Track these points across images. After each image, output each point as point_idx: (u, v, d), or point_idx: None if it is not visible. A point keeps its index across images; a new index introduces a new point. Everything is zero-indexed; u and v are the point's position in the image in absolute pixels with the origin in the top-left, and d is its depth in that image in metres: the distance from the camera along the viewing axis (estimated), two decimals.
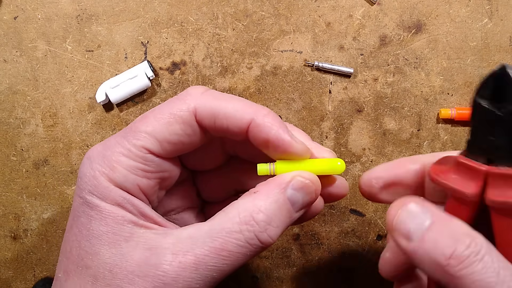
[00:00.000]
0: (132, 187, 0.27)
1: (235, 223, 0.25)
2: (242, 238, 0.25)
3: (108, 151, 0.27)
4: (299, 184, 0.26)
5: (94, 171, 0.26)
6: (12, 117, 0.46)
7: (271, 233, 0.25)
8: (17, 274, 0.47)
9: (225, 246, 0.25)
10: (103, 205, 0.26)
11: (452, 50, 0.45)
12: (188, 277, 0.24)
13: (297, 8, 0.45)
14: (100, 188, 0.26)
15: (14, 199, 0.46)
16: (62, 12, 0.45)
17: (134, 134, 0.27)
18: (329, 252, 0.47)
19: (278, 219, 0.25)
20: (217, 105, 0.27)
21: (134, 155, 0.26)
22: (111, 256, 0.25)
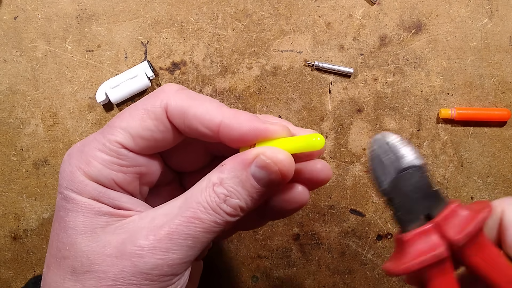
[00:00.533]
0: (107, 181, 0.27)
1: (201, 194, 0.26)
2: (208, 207, 0.26)
3: (86, 147, 0.27)
4: (262, 163, 0.26)
5: (72, 167, 0.27)
6: (12, 117, 0.46)
7: (231, 203, 0.26)
8: (17, 274, 0.47)
9: (195, 215, 0.26)
10: (79, 199, 0.27)
11: (452, 50, 0.45)
12: (163, 247, 0.25)
13: (297, 8, 0.45)
14: (76, 183, 0.27)
15: (14, 199, 0.46)
16: (62, 12, 0.45)
17: (110, 129, 0.27)
18: (329, 252, 0.46)
19: (239, 193, 0.26)
20: (188, 104, 0.27)
21: (108, 150, 0.27)
22: (88, 244, 0.26)
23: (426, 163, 0.24)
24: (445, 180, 0.46)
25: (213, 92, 0.46)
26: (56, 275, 0.26)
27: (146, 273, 0.25)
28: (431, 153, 0.46)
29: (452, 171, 0.46)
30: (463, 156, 0.46)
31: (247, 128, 0.27)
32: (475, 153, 0.46)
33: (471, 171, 0.46)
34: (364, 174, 0.46)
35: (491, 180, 0.46)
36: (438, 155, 0.46)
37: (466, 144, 0.46)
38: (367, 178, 0.46)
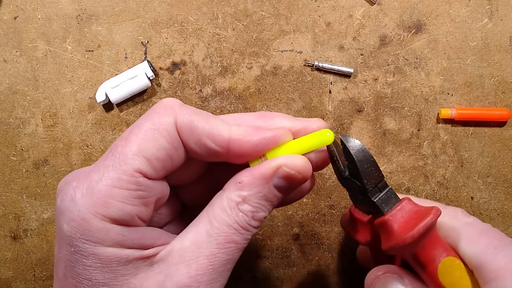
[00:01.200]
0: (130, 218, 0.24)
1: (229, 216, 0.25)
2: (240, 228, 0.25)
3: (95, 187, 0.24)
4: (285, 174, 0.26)
5: (84, 214, 0.23)
6: (12, 117, 0.46)
7: (258, 217, 0.26)
8: (17, 274, 0.47)
9: (230, 239, 0.25)
10: (101, 251, 0.23)
11: (452, 50, 0.45)
12: (208, 280, 0.24)
13: (297, 8, 0.45)
14: (95, 232, 0.23)
15: (14, 199, 0.46)
16: (62, 12, 0.45)
17: (120, 159, 0.24)
18: (329, 252, 0.46)
19: (264, 206, 0.26)
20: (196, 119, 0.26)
21: (126, 183, 0.24)
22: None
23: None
24: (445, 180, 0.46)
25: (213, 92, 0.46)
26: None
27: None
28: (431, 153, 0.46)
29: (452, 171, 0.46)
30: (463, 156, 0.46)
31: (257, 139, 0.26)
32: (475, 153, 0.46)
33: (471, 171, 0.46)
34: None
35: (491, 180, 0.46)
36: (438, 155, 0.46)
37: (466, 144, 0.46)
38: None
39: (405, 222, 0.26)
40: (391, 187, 0.28)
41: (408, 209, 0.27)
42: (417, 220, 0.26)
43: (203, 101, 0.46)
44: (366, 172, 0.27)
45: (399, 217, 0.27)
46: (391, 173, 0.46)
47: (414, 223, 0.26)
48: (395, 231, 0.26)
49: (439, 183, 0.46)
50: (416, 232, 0.25)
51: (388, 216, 0.27)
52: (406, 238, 0.25)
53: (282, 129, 0.27)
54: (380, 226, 0.27)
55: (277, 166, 0.26)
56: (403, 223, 0.26)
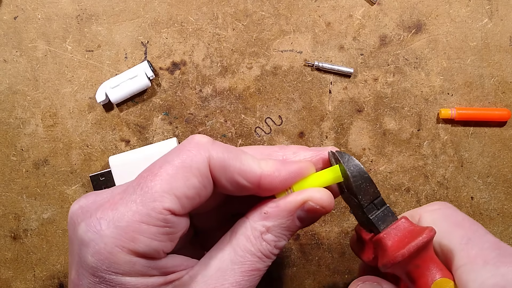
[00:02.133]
0: (156, 253, 0.25)
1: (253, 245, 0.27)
2: (263, 256, 0.27)
3: (122, 221, 0.24)
4: (310, 208, 0.27)
5: (110, 248, 0.23)
6: (12, 117, 0.46)
7: (279, 246, 0.28)
8: (17, 274, 0.47)
9: (254, 267, 0.26)
10: (128, 281, 0.24)
11: (452, 50, 0.45)
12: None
13: (297, 8, 0.45)
14: (121, 264, 0.24)
15: (14, 199, 0.46)
16: (62, 12, 0.45)
17: (150, 195, 0.24)
18: (329, 252, 0.46)
19: (285, 235, 0.28)
20: (228, 157, 0.26)
21: (154, 220, 0.24)
22: None
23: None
24: (445, 180, 0.46)
25: (213, 92, 0.46)
26: None
27: None
28: (431, 153, 0.46)
29: (452, 171, 0.46)
30: (463, 156, 0.46)
31: (285, 174, 0.27)
32: (475, 153, 0.46)
33: (471, 171, 0.46)
34: None
35: (491, 180, 0.46)
36: (438, 155, 0.46)
37: (466, 144, 0.46)
38: None
39: (398, 241, 0.27)
40: (389, 205, 0.29)
41: (403, 228, 0.27)
42: (410, 239, 0.26)
43: (203, 101, 0.46)
44: (360, 188, 0.27)
45: (393, 235, 0.27)
46: (391, 173, 0.46)
47: (407, 241, 0.26)
48: (388, 249, 0.27)
49: (439, 183, 0.46)
50: (406, 250, 0.26)
51: (382, 234, 0.27)
52: (396, 256, 0.26)
53: (306, 162, 0.28)
54: (376, 243, 0.28)
55: (304, 200, 0.27)
56: (397, 241, 0.27)
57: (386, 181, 0.46)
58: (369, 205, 0.28)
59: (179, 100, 0.46)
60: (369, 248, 0.29)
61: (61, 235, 0.47)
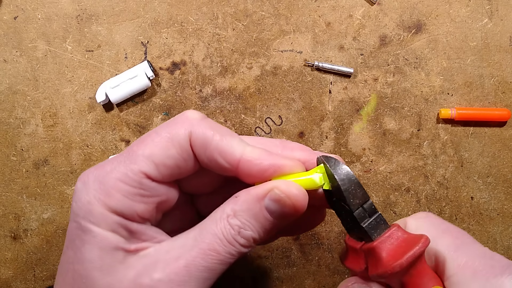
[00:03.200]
0: (128, 212, 0.26)
1: (217, 225, 0.26)
2: (224, 239, 0.26)
3: (105, 177, 0.26)
4: (275, 197, 0.26)
5: (90, 197, 0.26)
6: (12, 117, 0.46)
7: (245, 235, 0.26)
8: (17, 274, 0.47)
9: (211, 247, 0.26)
10: (97, 231, 0.26)
11: (452, 50, 0.45)
12: (180, 280, 0.25)
13: (297, 8, 0.45)
14: (95, 214, 0.26)
15: (14, 199, 0.46)
16: (62, 12, 0.45)
17: (132, 158, 0.26)
18: (329, 252, 0.46)
19: (253, 225, 0.26)
20: (211, 135, 0.27)
21: (131, 180, 0.26)
22: (104, 278, 0.25)
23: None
24: (445, 180, 0.46)
25: (213, 92, 0.46)
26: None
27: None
28: (431, 153, 0.46)
29: (452, 171, 0.46)
30: (463, 156, 0.46)
31: (266, 165, 0.27)
32: (475, 153, 0.46)
33: (471, 171, 0.46)
34: (364, 174, 0.46)
35: (491, 180, 0.46)
36: (438, 155, 0.46)
37: (466, 144, 0.46)
38: (367, 178, 0.46)
39: (393, 250, 0.26)
40: (381, 213, 0.28)
41: (397, 237, 0.27)
42: (406, 248, 0.26)
43: (203, 101, 0.46)
44: (349, 191, 0.27)
45: (387, 244, 0.26)
46: (391, 173, 0.46)
47: (402, 251, 0.26)
48: (383, 259, 0.26)
49: (439, 183, 0.46)
50: (405, 260, 0.25)
51: (376, 243, 0.27)
52: (394, 266, 0.25)
53: (293, 161, 0.28)
54: (368, 252, 0.27)
55: (270, 188, 0.26)
56: (392, 250, 0.26)
57: (386, 181, 0.46)
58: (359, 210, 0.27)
59: (179, 100, 0.46)
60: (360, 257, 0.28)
61: (61, 235, 0.47)
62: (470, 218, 0.46)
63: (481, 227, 0.46)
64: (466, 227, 0.46)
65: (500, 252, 0.46)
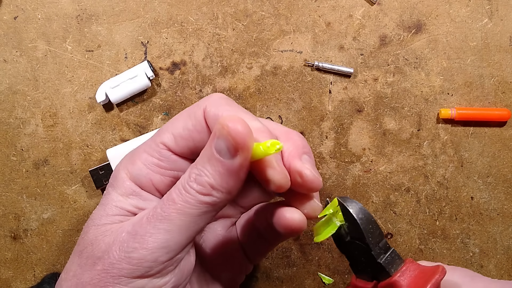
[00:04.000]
0: (145, 180, 0.29)
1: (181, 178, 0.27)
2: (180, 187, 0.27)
3: (137, 149, 0.30)
4: (218, 132, 0.25)
5: (120, 165, 0.30)
6: (12, 117, 0.46)
7: (200, 181, 0.26)
8: (17, 274, 0.47)
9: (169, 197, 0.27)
10: (112, 193, 0.29)
11: (452, 50, 0.45)
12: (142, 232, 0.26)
13: (297, 8, 0.45)
14: (118, 180, 0.29)
15: (14, 199, 0.46)
16: (62, 12, 0.45)
17: (159, 132, 0.29)
18: (329, 252, 0.46)
19: (207, 170, 0.26)
20: (222, 109, 0.28)
21: (152, 150, 0.29)
22: (95, 233, 0.28)
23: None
24: (445, 180, 0.46)
25: (213, 92, 0.46)
26: (71, 259, 0.29)
27: (128, 257, 0.26)
28: (431, 153, 0.46)
29: (452, 171, 0.46)
30: (463, 156, 0.46)
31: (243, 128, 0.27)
32: (475, 153, 0.46)
33: (471, 171, 0.46)
34: (364, 174, 0.46)
35: (491, 180, 0.46)
36: (438, 155, 0.46)
37: (466, 144, 0.46)
38: (367, 178, 0.46)
39: (414, 282, 0.27)
40: (394, 249, 0.29)
41: (414, 269, 0.27)
42: (425, 279, 0.26)
43: None
44: (368, 230, 0.27)
45: (407, 277, 0.27)
46: (391, 173, 0.46)
47: (422, 282, 0.26)
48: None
49: (439, 183, 0.46)
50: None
51: (396, 277, 0.27)
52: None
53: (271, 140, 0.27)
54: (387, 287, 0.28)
55: (218, 123, 0.25)
56: (412, 283, 0.27)
57: (386, 181, 0.46)
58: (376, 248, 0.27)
59: (179, 100, 0.46)
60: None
61: (61, 235, 0.47)
62: (470, 218, 0.46)
63: (481, 227, 0.46)
64: (466, 227, 0.46)
65: (500, 252, 0.46)
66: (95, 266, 0.26)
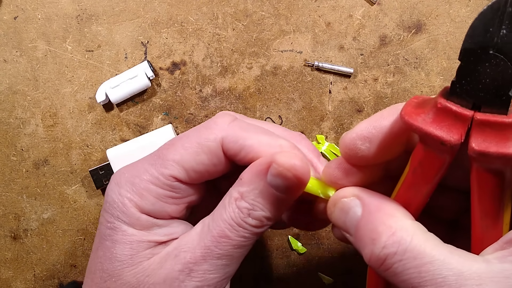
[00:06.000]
0: (160, 213, 0.28)
1: (226, 211, 0.26)
2: (234, 224, 0.26)
3: (136, 179, 0.27)
4: (275, 172, 0.25)
5: (123, 198, 0.27)
6: (12, 117, 0.46)
7: (255, 216, 0.26)
8: (17, 274, 0.47)
9: (223, 233, 0.26)
10: (130, 230, 0.27)
11: (452, 50, 0.45)
12: (200, 270, 0.25)
13: (297, 8, 0.45)
14: (128, 215, 0.27)
15: (14, 199, 0.46)
16: (62, 12, 0.46)
17: (162, 162, 0.27)
18: (329, 252, 0.46)
19: (261, 204, 0.26)
20: (243, 137, 0.27)
21: (162, 183, 0.27)
22: (134, 275, 0.26)
23: None
24: None
25: (213, 92, 0.46)
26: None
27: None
28: None
29: None
30: None
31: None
32: None
33: None
34: None
35: None
36: None
37: None
38: None
39: None
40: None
41: None
42: None
43: (203, 101, 0.46)
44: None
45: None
46: None
47: None
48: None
49: None
50: None
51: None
52: None
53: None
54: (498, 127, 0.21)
55: (269, 162, 0.26)
56: None
57: None
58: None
59: (179, 100, 0.46)
60: (458, 126, 0.22)
61: (61, 235, 0.47)
62: None
63: None
64: None
65: None
66: None
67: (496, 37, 0.21)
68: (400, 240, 0.22)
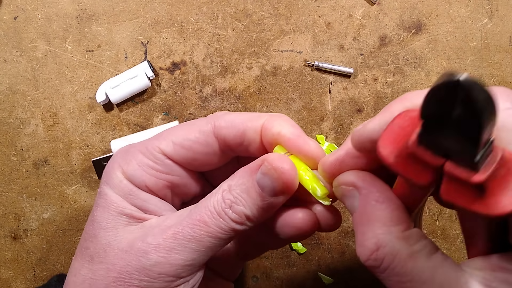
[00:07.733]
0: (138, 180, 0.29)
1: (211, 199, 0.27)
2: (214, 211, 0.26)
3: (131, 148, 0.30)
4: (264, 170, 0.26)
5: (114, 163, 0.29)
6: (12, 117, 0.46)
7: (236, 210, 0.26)
8: (17, 274, 0.47)
9: (201, 218, 0.26)
10: (110, 194, 0.28)
11: (452, 50, 0.45)
12: (167, 246, 0.26)
13: (297, 8, 0.45)
14: (113, 178, 0.29)
15: (14, 199, 0.46)
16: (62, 12, 0.45)
17: (158, 137, 0.30)
18: (329, 252, 0.46)
19: (245, 200, 0.26)
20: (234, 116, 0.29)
21: (147, 152, 0.29)
22: (107, 238, 0.28)
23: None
24: None
25: (213, 92, 0.46)
26: (77, 262, 0.28)
27: (148, 269, 0.26)
28: None
29: None
30: None
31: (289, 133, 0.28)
32: None
33: None
34: None
35: None
36: None
37: None
38: None
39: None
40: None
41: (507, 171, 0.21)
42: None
43: (203, 101, 0.46)
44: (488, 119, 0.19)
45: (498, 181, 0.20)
46: None
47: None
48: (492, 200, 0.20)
49: None
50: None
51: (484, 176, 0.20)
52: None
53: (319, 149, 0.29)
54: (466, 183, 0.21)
55: (262, 161, 0.26)
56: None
57: None
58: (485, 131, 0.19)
59: (179, 100, 0.46)
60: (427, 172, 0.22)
61: (61, 235, 0.47)
62: None
63: None
64: None
65: None
66: (110, 272, 0.26)
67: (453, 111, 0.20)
68: (384, 257, 0.23)
